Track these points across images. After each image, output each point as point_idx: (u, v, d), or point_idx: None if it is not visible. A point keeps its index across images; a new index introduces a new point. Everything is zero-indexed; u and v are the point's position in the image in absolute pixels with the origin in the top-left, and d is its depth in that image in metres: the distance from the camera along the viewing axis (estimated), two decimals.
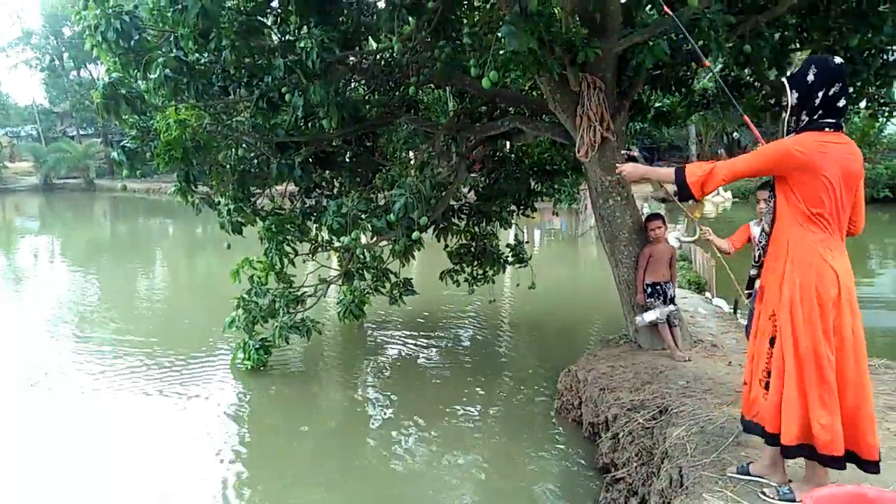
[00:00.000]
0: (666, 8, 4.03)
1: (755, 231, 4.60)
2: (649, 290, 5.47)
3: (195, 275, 14.09)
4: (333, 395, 6.62)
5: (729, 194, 23.19)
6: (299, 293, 6.86)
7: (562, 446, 5.17)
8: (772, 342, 2.91)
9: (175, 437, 5.51)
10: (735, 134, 31.78)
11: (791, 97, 2.82)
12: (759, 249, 3.12)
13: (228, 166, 6.18)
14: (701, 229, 4.60)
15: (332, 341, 8.29)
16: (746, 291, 3.32)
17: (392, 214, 5.51)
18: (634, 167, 3.31)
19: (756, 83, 6.33)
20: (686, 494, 3.12)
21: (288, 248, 6.46)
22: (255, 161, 6.30)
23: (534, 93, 6.85)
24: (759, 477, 3.10)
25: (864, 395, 2.79)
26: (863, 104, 6.08)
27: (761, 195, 4.06)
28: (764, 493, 3.00)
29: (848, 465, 2.80)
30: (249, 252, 6.96)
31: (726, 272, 6.82)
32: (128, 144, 5.85)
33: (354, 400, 6.36)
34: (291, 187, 6.93)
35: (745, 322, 7.13)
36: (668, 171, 3.08)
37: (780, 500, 2.94)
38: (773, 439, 2.90)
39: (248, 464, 5.10)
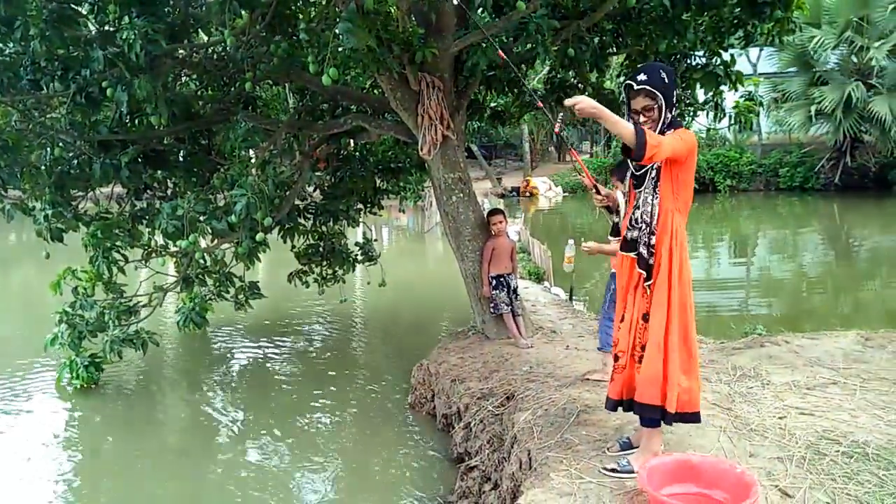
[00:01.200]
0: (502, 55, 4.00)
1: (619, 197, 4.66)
2: (494, 282, 5.69)
3: (10, 289, 12.63)
4: (176, 410, 6.24)
5: (560, 189, 24.67)
6: (132, 303, 6.37)
7: (417, 439, 5.24)
8: (645, 318, 3.07)
9: None
10: (563, 132, 33.91)
11: (659, 99, 2.96)
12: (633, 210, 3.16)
13: (43, 167, 5.60)
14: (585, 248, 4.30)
15: (172, 353, 7.80)
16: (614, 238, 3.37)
17: (233, 216, 5.27)
18: (588, 100, 2.88)
19: (580, 84, 6.78)
20: (535, 475, 3.29)
21: (117, 255, 5.98)
22: (76, 161, 5.75)
23: (375, 91, 6.86)
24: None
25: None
26: None
27: (618, 185, 4.22)
28: (605, 468, 3.23)
29: (671, 427, 3.14)
30: (72, 261, 6.36)
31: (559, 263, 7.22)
32: None
33: (200, 413, 6.04)
34: (119, 189, 6.42)
35: (580, 308, 7.63)
36: (626, 124, 2.87)
37: (621, 471, 3.18)
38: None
39: (79, 493, 4.67)
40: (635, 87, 2.97)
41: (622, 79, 5.67)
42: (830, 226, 16.64)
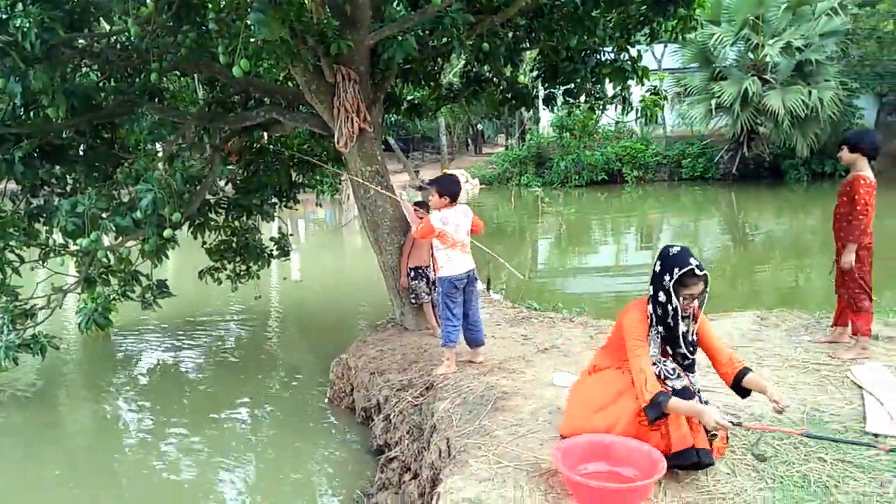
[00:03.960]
0: None
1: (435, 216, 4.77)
2: (413, 273, 5.72)
3: None
4: (79, 415, 5.95)
5: (476, 181, 24.96)
6: (28, 306, 6.02)
7: (337, 434, 5.22)
8: None
9: None
10: (479, 126, 34.31)
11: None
12: None
13: None
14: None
15: (74, 357, 7.42)
16: None
17: (139, 212, 5.07)
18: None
19: (494, 79, 6.89)
20: (454, 463, 3.35)
21: (11, 256, 5.63)
22: None
23: (289, 83, 6.73)
24: None
25: None
26: (582, 98, 6.93)
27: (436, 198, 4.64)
28: None
29: None
30: None
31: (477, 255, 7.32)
32: None
33: (105, 418, 5.78)
34: (13, 185, 6.03)
35: (497, 297, 7.77)
36: None
37: None
38: None
39: None
40: (699, 273, 3.02)
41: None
42: (729, 214, 17.59)
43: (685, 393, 3.04)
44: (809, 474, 2.98)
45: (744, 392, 3.19)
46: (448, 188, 4.70)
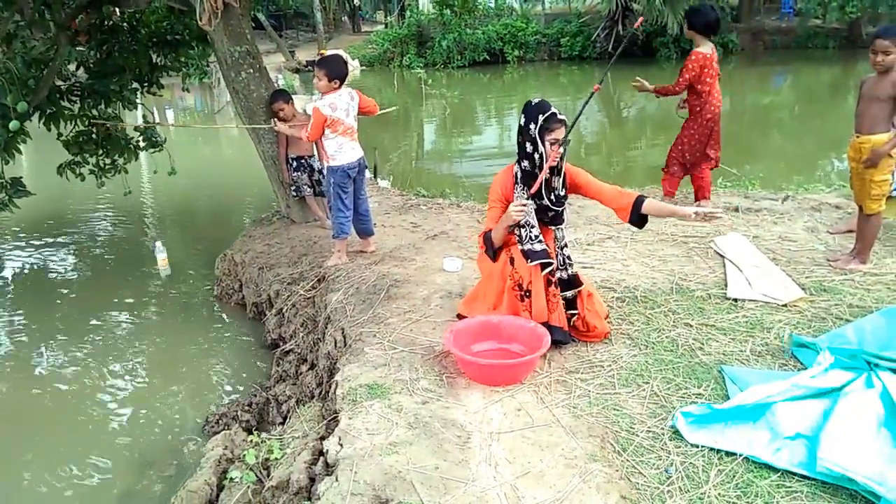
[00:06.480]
0: None
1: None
2: (295, 164, 5.50)
3: None
4: None
5: (357, 62, 23.96)
6: None
7: (228, 330, 5.14)
8: None
9: None
10: (356, 1, 32.53)
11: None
12: None
13: None
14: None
15: None
16: None
17: None
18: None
19: None
20: (350, 352, 3.40)
21: None
22: None
23: None
24: None
25: None
26: None
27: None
28: None
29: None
30: None
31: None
32: None
33: None
34: None
35: (385, 184, 7.69)
36: None
37: None
38: None
39: None
40: (560, 117, 3.20)
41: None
42: (604, 92, 18.00)
43: (543, 255, 3.18)
44: (678, 339, 3.27)
45: (642, 222, 3.27)
46: (338, 70, 4.37)
